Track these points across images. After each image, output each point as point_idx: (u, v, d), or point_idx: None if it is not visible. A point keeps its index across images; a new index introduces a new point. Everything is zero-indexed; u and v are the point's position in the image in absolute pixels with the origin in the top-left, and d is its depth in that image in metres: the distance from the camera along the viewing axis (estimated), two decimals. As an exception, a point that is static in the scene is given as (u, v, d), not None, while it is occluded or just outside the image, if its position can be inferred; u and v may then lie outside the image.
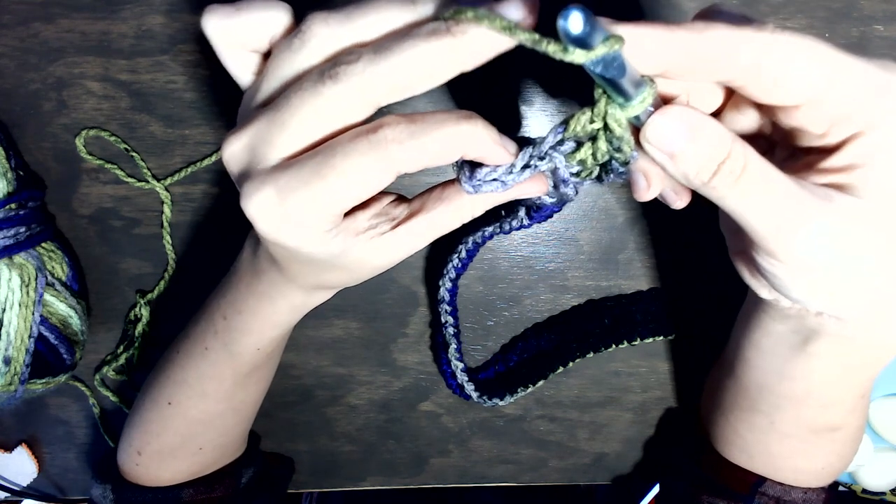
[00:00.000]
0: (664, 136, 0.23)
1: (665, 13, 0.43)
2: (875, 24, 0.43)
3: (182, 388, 0.38)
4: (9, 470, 0.48)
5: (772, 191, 0.23)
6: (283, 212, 0.23)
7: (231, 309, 0.35)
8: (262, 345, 0.36)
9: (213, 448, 0.41)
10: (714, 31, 0.22)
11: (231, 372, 0.37)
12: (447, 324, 0.43)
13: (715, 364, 0.43)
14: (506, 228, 0.36)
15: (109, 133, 0.44)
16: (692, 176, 0.23)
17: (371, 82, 0.22)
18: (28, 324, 0.39)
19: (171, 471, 0.40)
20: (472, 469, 0.50)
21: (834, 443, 0.36)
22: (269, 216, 0.24)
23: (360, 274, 0.29)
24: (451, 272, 0.42)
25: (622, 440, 0.49)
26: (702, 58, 0.22)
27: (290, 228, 0.24)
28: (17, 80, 0.43)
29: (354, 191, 0.23)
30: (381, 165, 0.23)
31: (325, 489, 0.51)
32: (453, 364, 0.44)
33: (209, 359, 0.36)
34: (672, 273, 0.46)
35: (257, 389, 0.41)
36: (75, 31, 0.43)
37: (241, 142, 0.24)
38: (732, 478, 0.39)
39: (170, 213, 0.45)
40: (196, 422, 0.38)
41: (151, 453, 0.39)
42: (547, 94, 0.44)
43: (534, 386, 0.45)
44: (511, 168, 0.25)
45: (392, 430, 0.49)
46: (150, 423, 0.39)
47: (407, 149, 0.23)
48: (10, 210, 0.39)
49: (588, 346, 0.46)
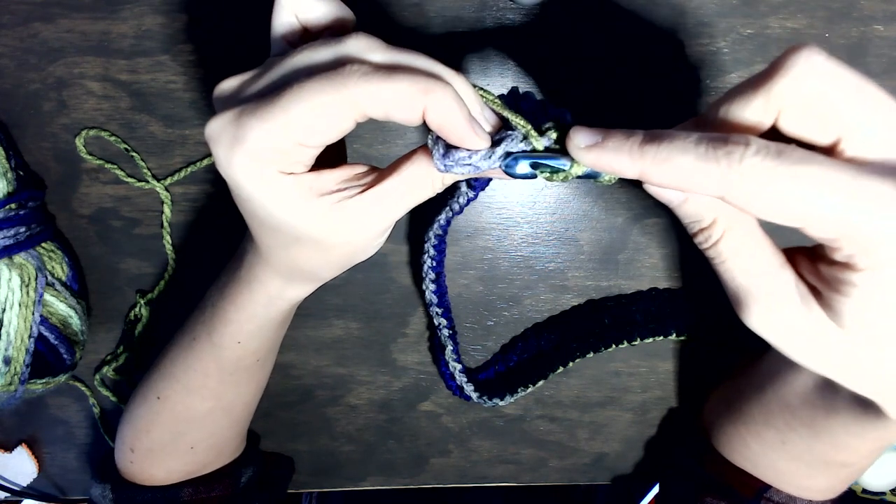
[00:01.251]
0: (661, 194, 0.24)
1: (665, 13, 0.43)
2: (875, 24, 0.43)
3: (170, 381, 0.38)
4: (9, 470, 0.48)
5: (743, 267, 0.24)
6: (238, 134, 0.23)
7: (218, 295, 0.35)
8: (241, 338, 0.35)
9: (206, 448, 0.40)
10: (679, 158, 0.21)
11: (215, 366, 0.37)
12: (441, 326, 0.43)
13: (738, 370, 0.43)
14: (456, 209, 0.35)
15: (109, 133, 0.44)
16: (685, 224, 0.25)
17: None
18: (28, 324, 0.39)
19: (165, 469, 0.40)
20: (472, 469, 0.50)
21: (840, 473, 0.36)
22: (223, 138, 0.23)
23: (332, 254, 0.28)
24: (429, 273, 0.41)
25: (622, 440, 0.49)
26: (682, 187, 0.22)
27: (245, 159, 0.23)
28: (17, 80, 0.43)
29: (309, 121, 0.22)
30: (339, 98, 0.22)
31: (325, 489, 0.51)
32: (451, 365, 0.44)
33: (195, 350, 0.37)
34: (672, 273, 0.46)
35: (247, 391, 0.40)
36: (75, 31, 0.43)
37: (223, 114, 0.24)
38: (737, 481, 0.39)
39: (170, 213, 0.45)
40: (183, 419, 0.38)
41: (143, 450, 0.39)
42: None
43: (534, 386, 0.45)
44: (490, 154, 0.25)
45: (392, 430, 0.49)
46: (140, 419, 0.39)
47: (368, 87, 0.22)
48: (10, 210, 0.39)
49: (588, 346, 0.45)
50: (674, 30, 0.43)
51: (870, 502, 0.51)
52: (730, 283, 0.25)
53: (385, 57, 0.23)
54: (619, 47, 0.43)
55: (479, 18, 0.43)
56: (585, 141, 0.23)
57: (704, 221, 0.24)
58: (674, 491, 0.45)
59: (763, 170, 0.20)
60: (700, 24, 0.43)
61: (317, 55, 0.23)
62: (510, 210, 0.45)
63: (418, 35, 0.43)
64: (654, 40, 0.43)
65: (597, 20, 0.43)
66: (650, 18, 0.43)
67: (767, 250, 0.24)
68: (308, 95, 0.22)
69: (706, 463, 0.41)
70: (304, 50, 0.24)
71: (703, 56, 0.44)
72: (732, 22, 0.43)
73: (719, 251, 0.24)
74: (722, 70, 0.44)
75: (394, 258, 0.46)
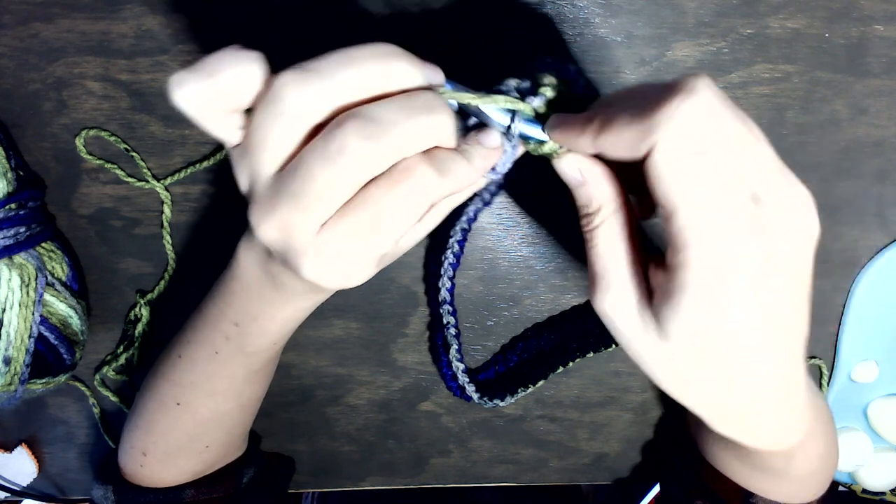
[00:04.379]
0: (566, 173, 0.28)
1: (665, 13, 0.43)
2: (875, 24, 0.43)
3: (190, 389, 0.37)
4: (9, 470, 0.48)
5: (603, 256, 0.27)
6: (341, 264, 0.25)
7: (244, 316, 0.34)
8: (278, 339, 0.36)
9: (219, 446, 0.41)
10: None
11: (243, 370, 0.37)
12: (449, 325, 0.43)
13: None
14: (486, 198, 0.36)
15: (109, 133, 0.44)
16: (578, 206, 0.28)
17: (378, 155, 0.23)
18: (28, 324, 0.39)
19: (176, 470, 0.40)
20: (472, 469, 0.50)
21: (813, 477, 0.36)
22: (328, 274, 0.25)
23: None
24: (447, 270, 0.41)
25: (622, 440, 0.49)
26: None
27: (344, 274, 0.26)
28: (17, 80, 0.43)
29: (400, 232, 0.25)
30: (420, 202, 0.25)
31: (325, 489, 0.51)
32: (454, 365, 0.43)
33: (219, 361, 0.36)
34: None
35: (263, 385, 0.41)
36: (75, 31, 0.43)
37: (274, 223, 0.24)
38: (724, 488, 0.39)
39: (170, 213, 0.45)
40: (205, 420, 0.38)
41: (158, 454, 0.39)
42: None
43: (534, 386, 0.45)
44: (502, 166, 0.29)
45: (392, 430, 0.49)
46: (156, 423, 0.39)
47: (442, 185, 0.25)
48: (10, 210, 0.39)
49: (588, 346, 0.45)
50: (674, 30, 0.43)
51: (870, 502, 0.51)
52: (591, 267, 0.27)
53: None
54: (619, 47, 0.43)
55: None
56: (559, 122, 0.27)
57: (591, 207, 0.27)
58: (671, 492, 0.45)
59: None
60: (700, 24, 0.43)
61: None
62: (510, 210, 0.45)
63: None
64: (654, 40, 0.43)
65: (597, 20, 0.43)
66: (650, 18, 0.43)
67: (630, 252, 0.26)
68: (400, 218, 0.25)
69: (698, 467, 0.41)
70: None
71: (703, 56, 0.44)
72: (732, 22, 0.43)
73: (592, 235, 0.27)
74: (722, 70, 0.44)
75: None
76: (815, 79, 0.44)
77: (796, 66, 0.44)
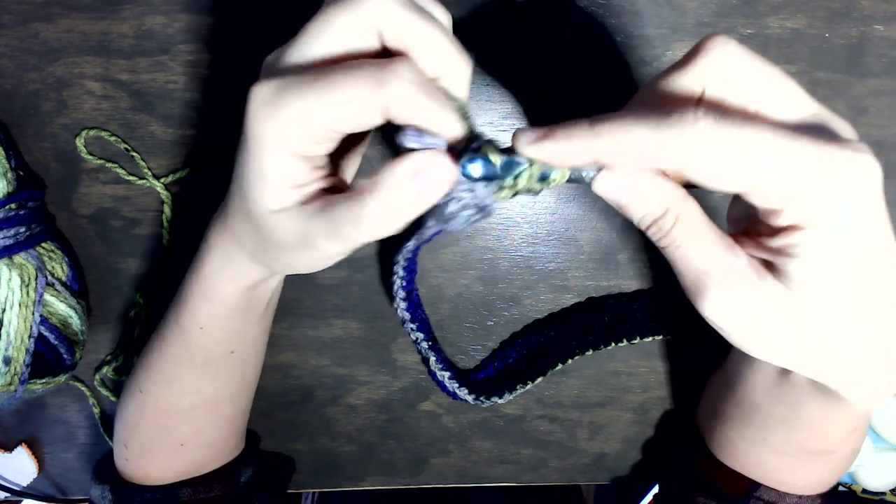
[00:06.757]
0: (611, 193, 0.24)
1: (665, 13, 0.43)
2: (875, 24, 0.43)
3: (148, 373, 0.38)
4: (9, 470, 0.48)
5: (698, 249, 0.25)
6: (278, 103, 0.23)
7: (188, 291, 0.35)
8: (202, 322, 0.35)
9: (197, 447, 0.40)
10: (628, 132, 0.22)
11: (185, 354, 0.37)
12: (418, 340, 0.43)
13: (716, 371, 0.43)
14: (425, 237, 0.32)
15: (109, 133, 0.44)
16: (637, 223, 0.25)
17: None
18: (28, 324, 0.39)
19: (159, 467, 0.40)
20: (472, 469, 0.50)
21: (828, 462, 0.36)
22: (263, 105, 0.24)
23: (304, 253, 0.27)
24: (398, 292, 0.40)
25: (622, 440, 0.49)
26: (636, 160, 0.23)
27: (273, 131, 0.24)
28: (17, 80, 0.43)
29: (342, 108, 0.23)
30: (375, 94, 0.22)
31: (325, 489, 0.51)
32: (438, 375, 0.44)
33: (165, 337, 0.37)
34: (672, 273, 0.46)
35: (228, 388, 0.39)
36: (75, 31, 0.43)
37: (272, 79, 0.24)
38: (728, 481, 0.39)
39: (170, 213, 0.45)
40: (165, 413, 0.38)
41: (135, 446, 0.40)
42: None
43: (532, 383, 0.45)
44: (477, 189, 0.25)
45: (392, 430, 0.49)
46: (129, 413, 0.40)
47: (406, 94, 0.22)
48: (10, 210, 0.39)
49: (588, 344, 0.45)
50: (674, 30, 0.43)
51: (870, 502, 0.51)
52: (686, 269, 0.26)
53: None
54: (619, 47, 0.43)
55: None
56: (531, 136, 0.24)
57: (657, 212, 0.24)
58: (671, 491, 0.45)
59: (717, 130, 0.21)
60: (700, 24, 0.43)
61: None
62: (510, 210, 0.45)
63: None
64: (654, 40, 0.43)
65: (596, 20, 0.43)
66: (650, 18, 0.43)
67: (717, 233, 0.25)
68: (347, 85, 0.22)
69: (699, 464, 0.41)
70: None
71: (703, 56, 0.44)
72: (732, 22, 0.43)
73: (673, 238, 0.25)
74: (722, 70, 0.44)
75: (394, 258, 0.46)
76: (815, 79, 0.44)
77: (796, 66, 0.44)
